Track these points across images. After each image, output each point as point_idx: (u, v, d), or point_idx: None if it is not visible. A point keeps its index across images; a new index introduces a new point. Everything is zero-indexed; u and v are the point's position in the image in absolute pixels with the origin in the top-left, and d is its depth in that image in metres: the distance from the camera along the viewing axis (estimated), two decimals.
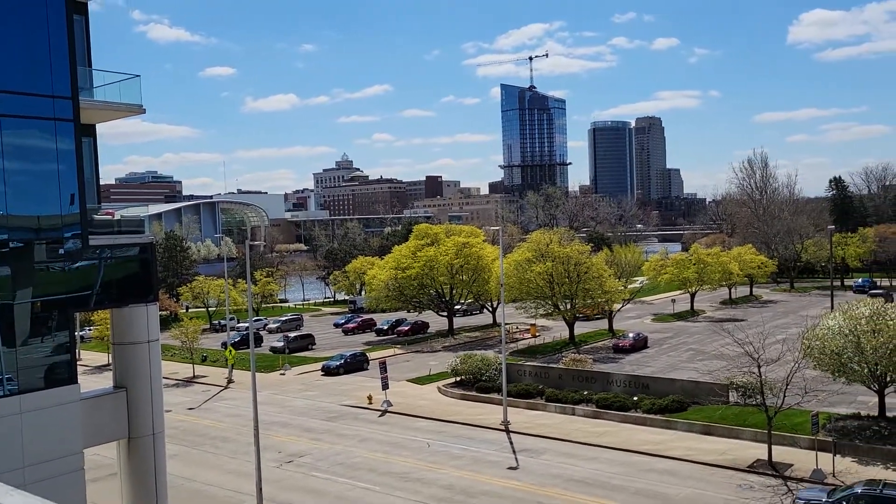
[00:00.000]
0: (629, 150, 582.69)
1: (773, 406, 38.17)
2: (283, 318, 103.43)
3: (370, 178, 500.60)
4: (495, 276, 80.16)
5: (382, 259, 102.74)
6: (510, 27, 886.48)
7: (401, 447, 44.33)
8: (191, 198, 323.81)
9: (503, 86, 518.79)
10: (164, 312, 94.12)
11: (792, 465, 37.48)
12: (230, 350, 67.93)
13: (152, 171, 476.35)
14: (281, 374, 69.27)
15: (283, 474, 40.05)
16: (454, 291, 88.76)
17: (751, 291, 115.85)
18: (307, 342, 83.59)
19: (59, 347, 24.78)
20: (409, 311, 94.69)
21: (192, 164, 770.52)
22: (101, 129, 29.45)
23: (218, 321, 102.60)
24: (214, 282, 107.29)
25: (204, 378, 69.00)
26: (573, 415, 49.53)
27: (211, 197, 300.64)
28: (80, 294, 25.57)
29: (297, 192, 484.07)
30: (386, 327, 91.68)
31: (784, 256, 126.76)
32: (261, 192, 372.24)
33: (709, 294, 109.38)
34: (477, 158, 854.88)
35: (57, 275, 24.88)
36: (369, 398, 55.61)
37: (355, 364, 68.99)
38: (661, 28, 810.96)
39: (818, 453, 36.61)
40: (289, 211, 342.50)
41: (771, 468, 37.22)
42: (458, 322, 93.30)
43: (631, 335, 74.31)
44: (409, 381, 62.51)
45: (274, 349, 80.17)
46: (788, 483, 35.64)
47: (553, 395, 52.05)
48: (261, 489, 33.63)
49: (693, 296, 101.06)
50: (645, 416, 47.07)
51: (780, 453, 38.70)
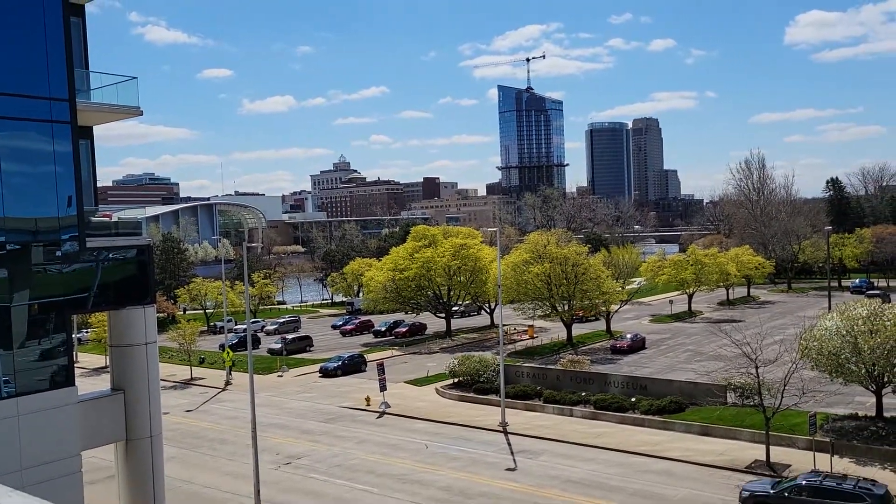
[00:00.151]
0: (626, 151, 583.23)
1: (770, 407, 38.24)
2: (281, 320, 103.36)
3: (367, 179, 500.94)
4: (493, 278, 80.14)
5: (380, 261, 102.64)
6: (507, 28, 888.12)
7: (399, 448, 44.32)
8: (188, 200, 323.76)
9: (500, 87, 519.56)
10: (161, 314, 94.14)
11: (790, 465, 37.50)
12: (228, 352, 67.94)
13: (149, 173, 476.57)
14: (279, 375, 69.22)
15: (282, 476, 40.02)
16: (452, 293, 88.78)
17: (748, 292, 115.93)
18: (305, 344, 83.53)
19: (57, 350, 24.77)
20: (406, 313, 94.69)
21: (190, 166, 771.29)
22: (98, 130, 29.48)
23: (215, 323, 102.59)
24: (212, 284, 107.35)
25: (202, 380, 68.93)
26: (571, 416, 49.56)
27: (208, 199, 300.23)
28: (78, 296, 25.57)
29: (295, 193, 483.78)
30: (384, 329, 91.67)
31: (781, 257, 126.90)
32: (258, 194, 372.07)
33: (706, 295, 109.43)
34: (474, 160, 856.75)
35: (54, 277, 24.87)
36: (367, 400, 55.59)
37: (353, 366, 68.95)
38: (657, 29, 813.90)
39: (816, 454, 36.67)
40: (286, 213, 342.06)
41: (769, 469, 37.24)
42: (456, 323, 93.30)
43: (629, 336, 74.29)
44: (407, 382, 62.49)
45: (272, 351, 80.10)
46: None
47: (551, 396, 52.05)
48: (259, 491, 33.61)
49: (691, 297, 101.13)
50: (643, 417, 47.10)
51: (778, 454, 38.73)
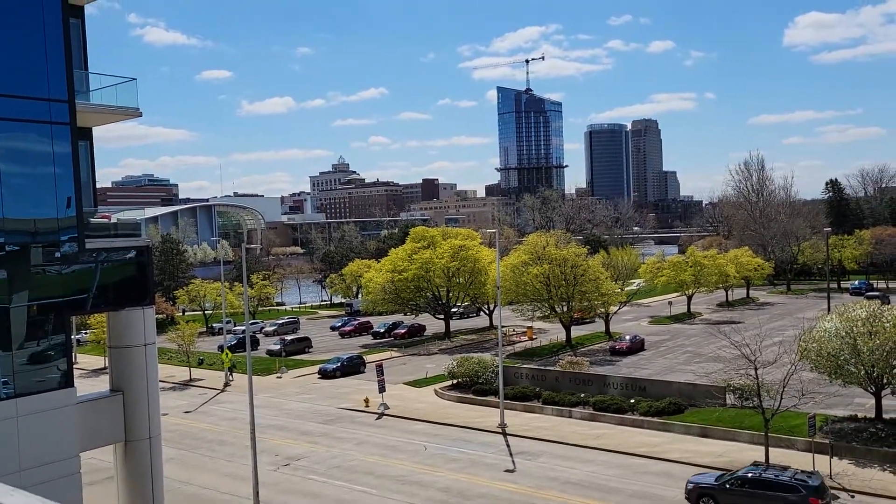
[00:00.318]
0: (625, 152, 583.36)
1: (769, 408, 38.21)
2: (280, 322, 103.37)
3: (366, 181, 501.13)
4: (492, 279, 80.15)
5: (379, 262, 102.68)
6: (506, 30, 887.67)
7: (398, 450, 44.30)
8: (187, 201, 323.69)
9: (499, 88, 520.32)
10: (160, 316, 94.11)
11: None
12: (227, 353, 67.90)
13: (149, 175, 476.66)
14: (277, 377, 69.19)
15: (280, 477, 40.00)
16: (451, 294, 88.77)
17: (747, 294, 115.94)
18: (304, 345, 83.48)
19: (56, 351, 24.75)
20: (405, 314, 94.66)
21: (189, 168, 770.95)
22: (97, 132, 29.46)
23: (212, 325, 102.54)
24: (211, 285, 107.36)
25: (201, 381, 68.90)
26: (570, 417, 49.56)
27: (207, 200, 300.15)
28: (77, 297, 25.55)
29: (294, 195, 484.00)
30: (383, 330, 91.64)
31: (781, 259, 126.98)
32: (257, 196, 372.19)
33: (705, 296, 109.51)
34: (473, 161, 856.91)
35: (53, 278, 24.86)
36: (366, 401, 55.56)
37: (352, 367, 68.90)
38: (656, 31, 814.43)
39: (815, 455, 36.67)
40: (285, 214, 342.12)
41: None
42: (455, 325, 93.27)
43: (628, 337, 74.28)
44: (405, 383, 62.47)
45: (270, 352, 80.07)
46: None
47: (550, 397, 52.04)
48: (258, 492, 33.60)
49: (690, 298, 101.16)
50: (642, 418, 47.09)
51: (777, 455, 38.69)
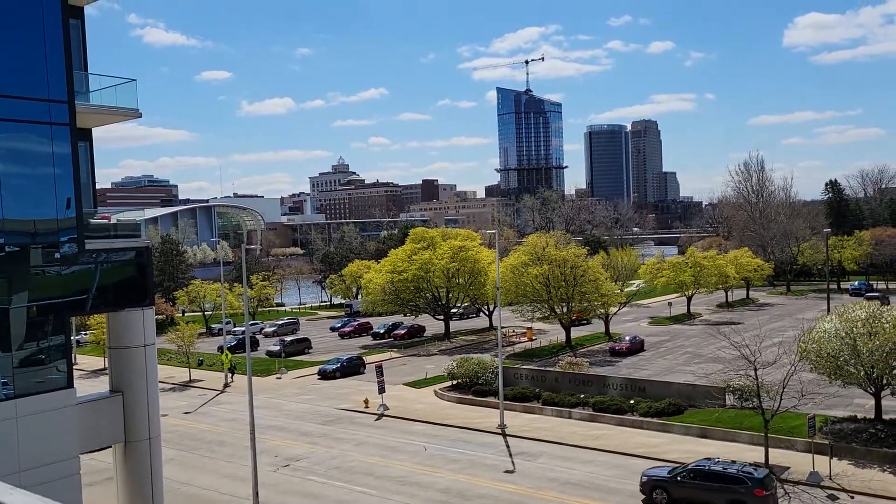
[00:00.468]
0: (625, 153, 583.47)
1: (769, 409, 38.24)
2: (280, 322, 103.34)
3: (366, 181, 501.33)
4: (492, 280, 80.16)
5: (379, 263, 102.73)
6: (506, 30, 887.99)
7: (397, 451, 44.30)
8: (187, 202, 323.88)
9: (499, 89, 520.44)
10: (160, 316, 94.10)
11: (789, 467, 37.51)
12: (227, 354, 67.90)
13: (148, 175, 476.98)
14: (277, 377, 69.19)
15: (280, 478, 39.99)
16: (450, 295, 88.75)
17: (747, 294, 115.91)
18: (303, 346, 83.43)
19: (56, 351, 24.76)
20: (405, 315, 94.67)
21: (188, 168, 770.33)
22: (97, 132, 29.47)
23: (213, 325, 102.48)
24: (211, 286, 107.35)
25: (200, 382, 68.89)
26: (570, 418, 49.56)
27: (207, 201, 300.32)
28: (77, 298, 25.55)
29: (294, 195, 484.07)
30: (382, 331, 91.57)
31: (780, 259, 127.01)
32: (257, 196, 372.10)
33: (705, 297, 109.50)
34: (473, 162, 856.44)
35: (53, 279, 24.86)
36: (366, 402, 55.55)
37: (352, 368, 68.89)
38: (656, 31, 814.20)
39: (815, 456, 36.66)
40: (285, 215, 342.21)
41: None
42: (455, 325, 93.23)
43: (627, 338, 74.27)
44: (405, 384, 62.47)
45: (270, 353, 80.00)
46: (785, 486, 35.66)
47: (549, 398, 52.04)
48: (257, 493, 33.60)
49: (689, 299, 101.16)
50: (641, 419, 47.10)
51: (777, 456, 38.73)
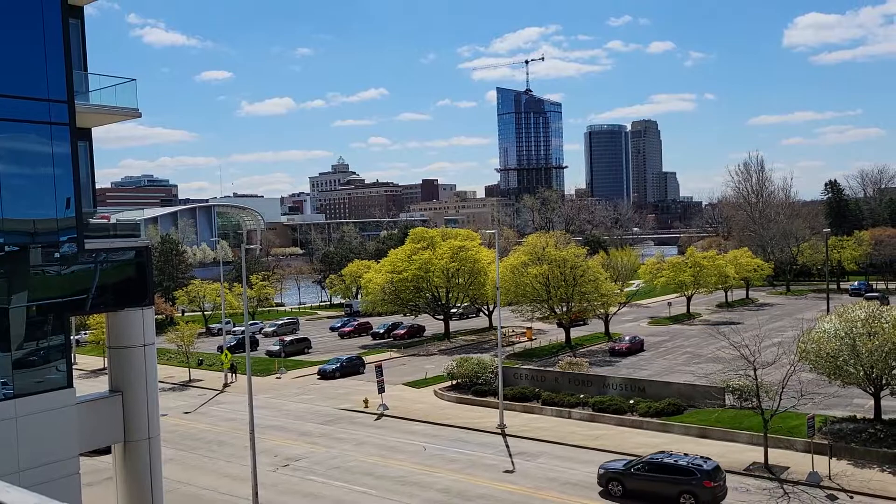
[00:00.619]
0: (625, 153, 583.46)
1: (769, 409, 38.25)
2: (280, 322, 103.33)
3: (366, 181, 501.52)
4: (491, 280, 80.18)
5: (378, 263, 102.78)
6: (505, 31, 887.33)
7: (397, 451, 44.30)
8: (187, 201, 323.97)
9: (499, 89, 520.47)
10: (160, 316, 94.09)
11: (788, 467, 37.53)
12: (226, 354, 67.90)
13: (148, 175, 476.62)
14: (277, 377, 69.20)
15: (280, 478, 39.99)
16: (450, 295, 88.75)
17: (747, 294, 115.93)
18: (303, 346, 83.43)
19: (55, 351, 24.74)
20: (405, 315, 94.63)
21: (188, 168, 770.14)
22: (96, 132, 29.46)
23: (212, 325, 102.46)
24: (210, 285, 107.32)
25: (200, 382, 68.89)
26: (569, 418, 49.57)
27: (207, 200, 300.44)
28: (76, 298, 25.54)
29: (293, 195, 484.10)
30: (382, 331, 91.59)
31: (780, 259, 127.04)
32: (257, 196, 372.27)
33: (705, 297, 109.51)
34: (473, 162, 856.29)
35: (53, 279, 24.85)
36: (365, 402, 55.56)
37: (351, 368, 68.89)
38: (656, 31, 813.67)
39: (814, 456, 36.67)
40: (285, 214, 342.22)
41: (767, 471, 37.26)
42: (455, 325, 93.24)
43: (627, 338, 74.28)
44: (405, 384, 62.47)
45: (270, 353, 80.00)
46: (785, 486, 35.69)
47: (549, 398, 52.05)
48: (257, 493, 33.58)
49: (689, 299, 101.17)
50: (641, 419, 47.11)
51: (777, 456, 38.76)
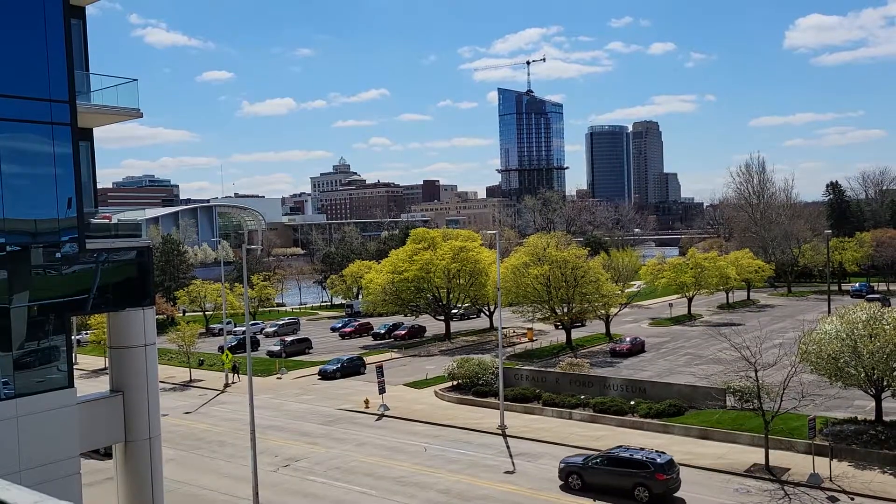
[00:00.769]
0: (626, 154, 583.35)
1: (770, 410, 38.22)
2: (280, 322, 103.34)
3: (367, 182, 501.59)
4: (492, 280, 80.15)
5: (379, 263, 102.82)
6: (507, 32, 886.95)
7: (397, 451, 44.29)
8: (188, 202, 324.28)
9: (500, 90, 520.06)
10: (160, 316, 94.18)
11: (789, 469, 37.49)
12: (227, 354, 67.89)
13: (149, 175, 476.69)
14: (278, 377, 69.20)
15: (280, 478, 39.99)
16: (451, 295, 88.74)
17: (748, 296, 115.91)
18: (304, 346, 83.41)
19: (56, 351, 24.74)
20: (406, 315, 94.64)
21: (190, 168, 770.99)
22: (98, 132, 29.47)
23: (212, 325, 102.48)
24: (211, 286, 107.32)
25: (201, 382, 68.90)
26: (570, 419, 49.55)
27: (208, 201, 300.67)
28: (77, 298, 25.54)
29: (295, 196, 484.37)
30: (383, 331, 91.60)
31: (781, 261, 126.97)
32: (258, 196, 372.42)
33: (706, 298, 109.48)
34: (474, 162, 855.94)
35: (54, 279, 24.86)
36: (366, 402, 55.55)
37: (352, 368, 68.87)
38: (657, 33, 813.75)
39: (815, 457, 36.64)
40: (286, 215, 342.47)
41: (768, 472, 37.23)
42: (455, 326, 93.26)
43: (628, 339, 74.27)
44: (406, 385, 62.46)
45: (271, 353, 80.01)
46: (786, 487, 35.65)
47: (550, 399, 52.03)
48: (257, 493, 33.58)
49: (690, 300, 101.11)
50: (642, 420, 47.10)
51: (777, 457, 38.72)
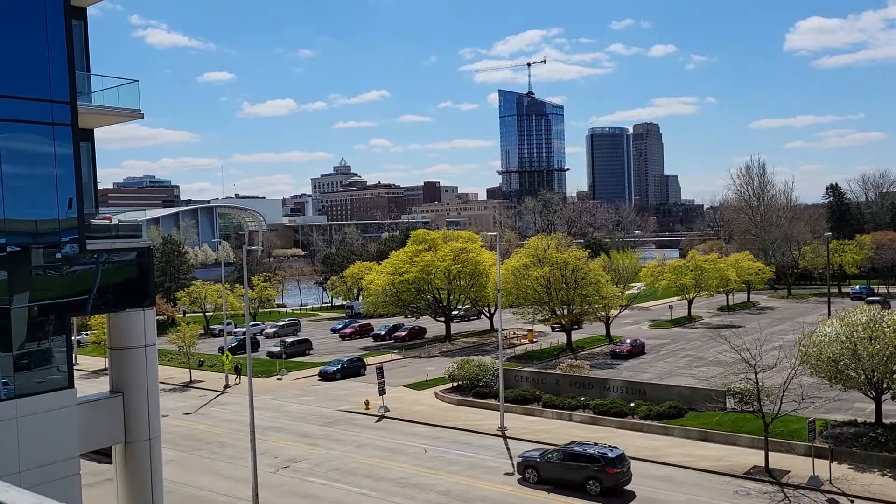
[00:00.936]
0: (627, 156, 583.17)
1: (769, 412, 38.21)
2: (281, 323, 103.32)
3: (368, 183, 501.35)
4: (493, 282, 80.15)
5: (380, 264, 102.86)
6: (508, 33, 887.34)
7: (397, 452, 44.30)
8: (188, 202, 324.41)
9: (501, 91, 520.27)
10: (161, 317, 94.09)
11: (789, 471, 37.49)
12: (227, 355, 67.89)
13: (150, 176, 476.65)
14: (278, 379, 69.21)
15: (280, 480, 39.99)
16: (451, 297, 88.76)
17: (748, 298, 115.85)
18: (304, 347, 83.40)
19: (56, 352, 24.74)
20: (406, 317, 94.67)
21: (190, 169, 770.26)
22: (98, 133, 29.49)
23: (212, 326, 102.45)
24: (212, 286, 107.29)
25: (201, 383, 68.91)
26: (570, 421, 49.54)
27: (209, 202, 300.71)
28: (77, 298, 25.54)
29: (295, 197, 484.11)
30: (383, 332, 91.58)
31: (781, 263, 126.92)
32: (258, 197, 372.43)
33: (706, 300, 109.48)
34: (475, 164, 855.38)
35: (54, 279, 24.86)
36: (366, 403, 55.56)
37: (352, 369, 68.88)
38: (658, 35, 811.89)
39: (815, 460, 36.65)
40: (286, 216, 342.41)
41: (768, 475, 37.24)
42: (456, 327, 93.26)
43: (628, 341, 74.27)
44: (406, 386, 62.47)
45: (271, 354, 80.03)
46: (785, 490, 35.65)
47: (550, 400, 52.02)
48: (257, 494, 33.59)
49: (690, 302, 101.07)
50: (642, 422, 47.10)
51: (777, 460, 38.72)
